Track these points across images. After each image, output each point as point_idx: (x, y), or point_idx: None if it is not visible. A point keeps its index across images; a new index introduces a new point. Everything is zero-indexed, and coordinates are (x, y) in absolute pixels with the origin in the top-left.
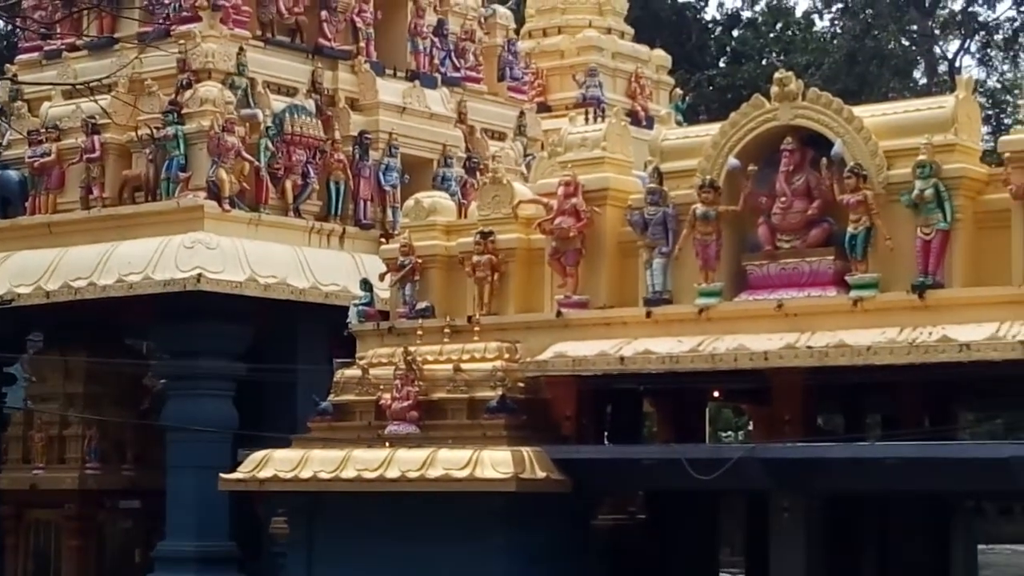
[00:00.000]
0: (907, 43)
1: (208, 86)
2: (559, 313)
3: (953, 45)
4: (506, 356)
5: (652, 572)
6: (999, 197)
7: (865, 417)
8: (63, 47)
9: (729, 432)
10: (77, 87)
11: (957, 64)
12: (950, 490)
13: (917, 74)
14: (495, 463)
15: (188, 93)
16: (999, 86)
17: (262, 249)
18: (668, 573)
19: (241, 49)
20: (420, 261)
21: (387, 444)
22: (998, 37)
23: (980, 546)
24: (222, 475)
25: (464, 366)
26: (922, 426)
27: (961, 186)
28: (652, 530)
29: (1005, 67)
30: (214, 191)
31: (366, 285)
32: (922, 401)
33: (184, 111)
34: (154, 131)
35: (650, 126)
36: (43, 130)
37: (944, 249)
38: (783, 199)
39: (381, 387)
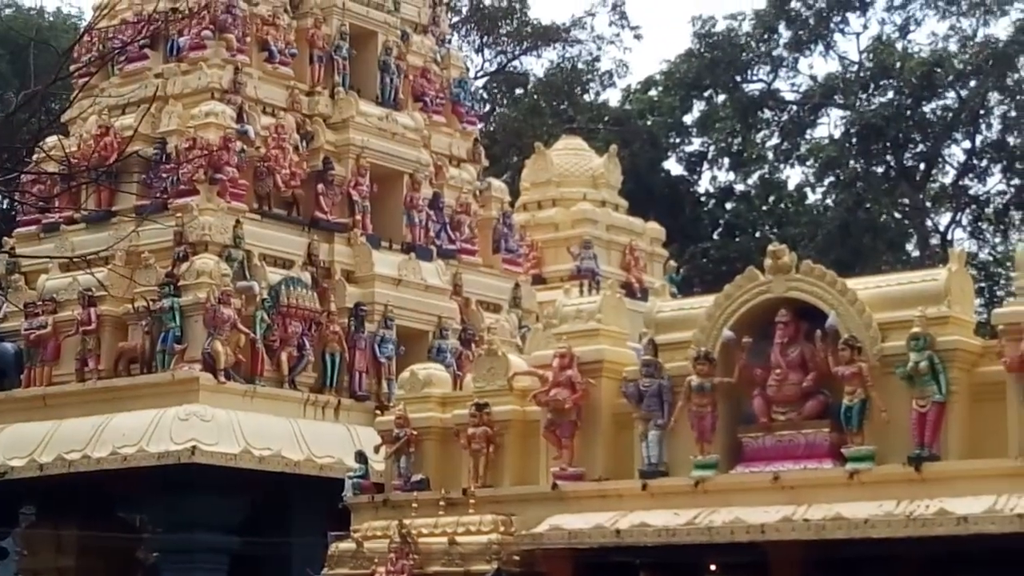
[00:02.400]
0: (899, 215)
1: (204, 258)
2: (555, 485)
3: (945, 218)
4: (501, 529)
5: None
6: (994, 369)
7: None
8: (61, 220)
9: None
10: (74, 260)
11: (949, 236)
12: None
13: (910, 246)
14: None
15: (184, 266)
16: (991, 258)
17: (257, 421)
18: None
19: (238, 222)
20: (415, 433)
21: None
22: (989, 210)
23: None
24: None
25: (459, 539)
26: None
27: (956, 358)
28: None
29: (996, 239)
30: (209, 363)
31: (361, 457)
32: (920, 573)
33: (180, 283)
34: (150, 303)
35: (645, 298)
36: (40, 302)
37: (940, 421)
38: (778, 371)
39: (376, 560)
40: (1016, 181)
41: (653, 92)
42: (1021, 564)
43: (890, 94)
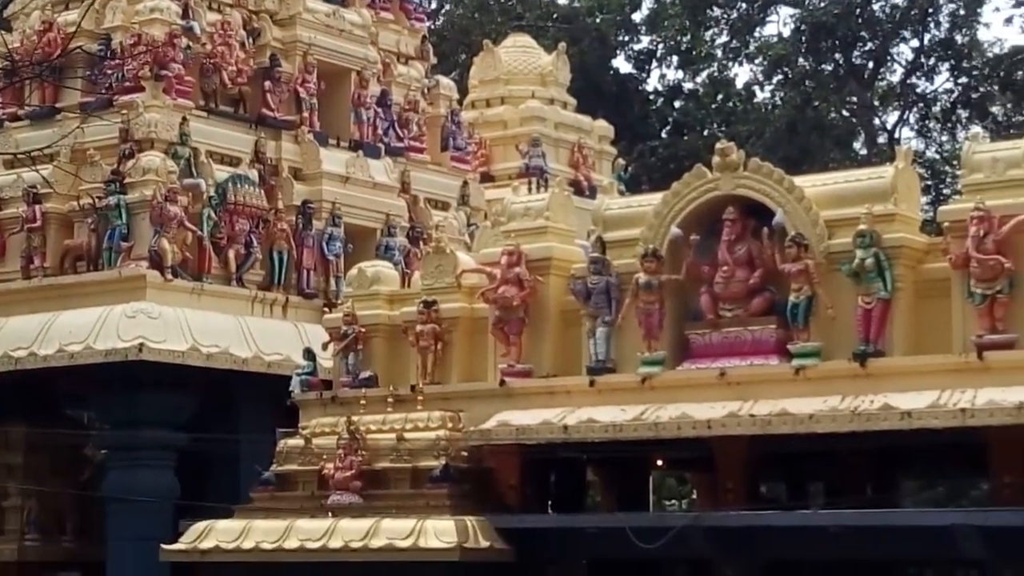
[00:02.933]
0: (847, 114)
1: (151, 156)
2: (502, 382)
3: (892, 116)
4: (449, 425)
5: None
6: (939, 266)
7: (808, 485)
8: (4, 117)
9: (673, 500)
10: (19, 157)
11: (896, 135)
12: (893, 558)
13: (857, 145)
14: (438, 533)
15: (130, 163)
16: (937, 157)
17: (204, 319)
18: None
19: (184, 119)
20: (363, 330)
21: (330, 514)
22: (936, 109)
23: None
24: (163, 546)
25: (407, 435)
26: (864, 494)
27: (901, 255)
28: None
29: (943, 138)
30: (156, 261)
31: (309, 354)
32: (864, 469)
33: (126, 181)
34: (96, 201)
35: (593, 196)
36: None
37: (885, 318)
38: (725, 268)
39: (324, 457)
40: (963, 80)
41: None
42: (963, 458)
43: None
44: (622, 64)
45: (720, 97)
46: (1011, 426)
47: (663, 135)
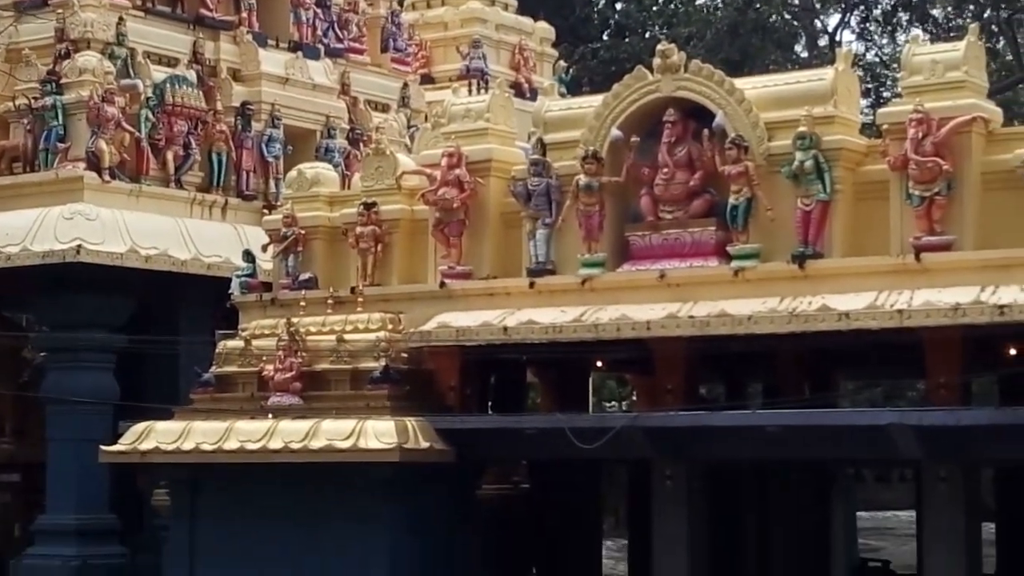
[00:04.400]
0: (788, 16)
1: (87, 56)
2: (442, 284)
3: (833, 19)
4: (389, 327)
5: (536, 542)
6: (878, 168)
7: (746, 386)
8: None
9: (613, 402)
10: None
11: (837, 38)
12: (830, 457)
13: (798, 47)
14: (378, 434)
15: (66, 63)
16: (878, 60)
17: (143, 220)
18: (552, 543)
19: (121, 19)
20: (303, 232)
21: (270, 415)
22: (877, 12)
23: (859, 513)
24: (103, 447)
25: (347, 337)
26: (803, 395)
27: (840, 157)
28: (536, 500)
29: (883, 41)
30: (94, 162)
31: (248, 256)
32: (803, 370)
33: (63, 81)
34: (32, 101)
35: (534, 98)
36: None
37: (824, 220)
38: (665, 170)
39: (264, 358)
40: None
41: None
42: (900, 359)
43: None
44: None
45: None
46: (947, 327)
47: (604, 37)
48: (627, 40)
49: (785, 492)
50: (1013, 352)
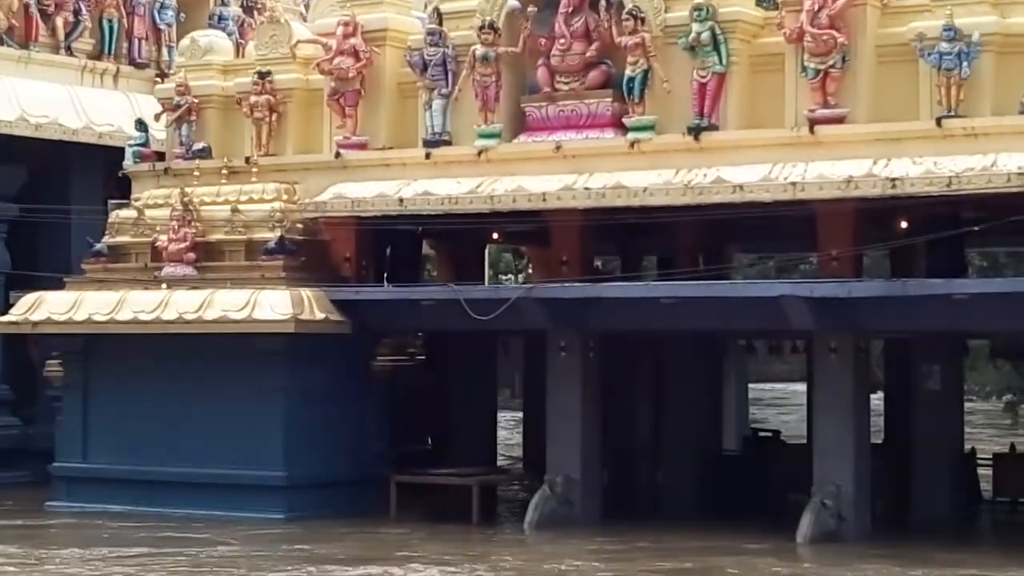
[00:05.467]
0: None
1: None
2: (338, 154)
3: None
4: (284, 197)
5: (431, 412)
6: (773, 41)
7: (642, 258)
8: None
9: (509, 275)
10: None
11: None
12: (723, 329)
13: None
14: (273, 304)
15: None
16: None
17: (33, 88)
18: (447, 413)
19: None
20: (196, 101)
21: (163, 286)
22: None
23: (751, 385)
24: None
25: (242, 207)
26: (697, 267)
27: (736, 29)
28: (432, 371)
29: None
30: None
31: (141, 125)
32: (697, 243)
33: None
34: None
35: None
36: None
37: (720, 92)
38: (562, 41)
39: (157, 229)
40: None
41: None
42: (793, 233)
43: None
44: None
45: None
46: (839, 200)
47: None
48: None
49: (678, 363)
50: (904, 225)
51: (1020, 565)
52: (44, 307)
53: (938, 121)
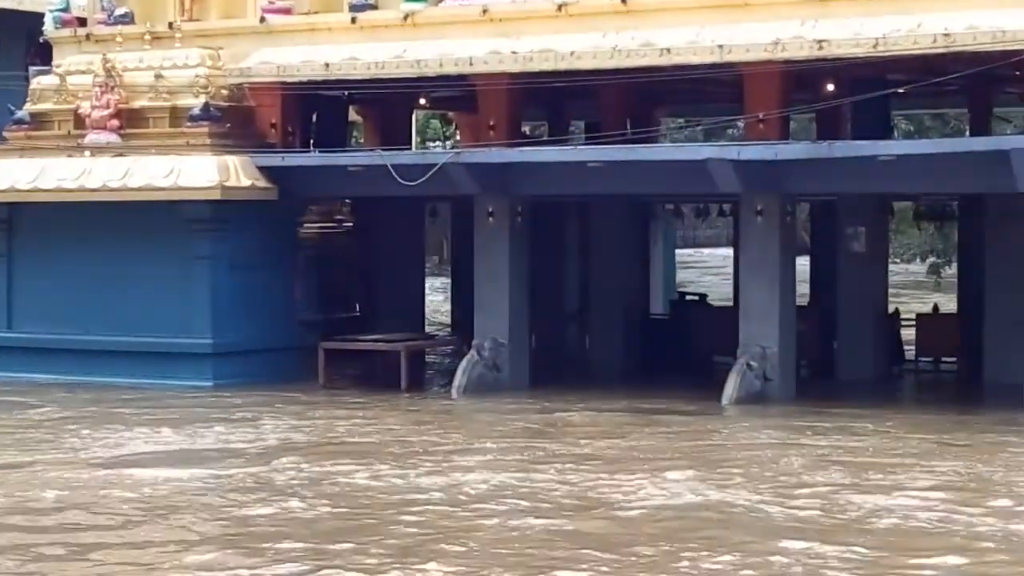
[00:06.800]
0: None
1: None
2: (263, 19)
3: None
4: (209, 63)
5: (359, 279)
6: None
7: (569, 123)
8: None
9: (437, 142)
10: None
11: None
12: (650, 193)
13: None
14: (199, 171)
15: None
16: None
17: None
18: (375, 280)
19: None
20: None
21: (87, 154)
22: None
23: (678, 250)
24: None
25: (165, 73)
26: (625, 131)
27: None
28: (359, 238)
29: None
30: None
31: None
32: (625, 107)
33: None
34: None
35: None
36: None
37: None
38: None
39: (80, 96)
40: None
41: None
42: (720, 96)
43: None
44: None
45: None
46: (767, 62)
47: None
48: None
49: (606, 228)
50: (831, 88)
51: (934, 424)
52: None
53: None
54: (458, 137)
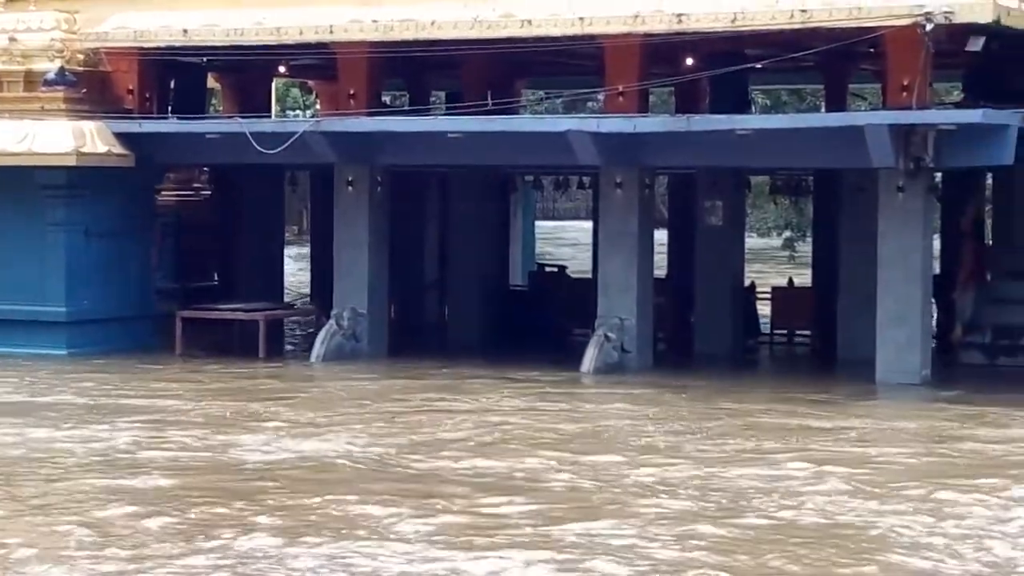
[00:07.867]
0: None
1: None
2: None
3: None
4: (64, 27)
5: (218, 248)
6: None
7: (430, 93)
8: None
9: (297, 111)
10: None
11: None
12: (510, 164)
13: None
14: (54, 137)
15: None
16: None
17: None
18: (234, 249)
19: None
20: None
21: None
22: None
23: (538, 222)
24: None
25: (19, 36)
26: (485, 102)
27: None
28: (218, 206)
29: None
30: None
31: None
32: (486, 78)
33: None
34: None
35: None
36: None
37: None
38: None
39: None
40: None
41: None
42: (581, 68)
43: None
44: None
45: None
46: (626, 34)
47: None
48: None
49: (466, 199)
50: (690, 62)
51: (784, 395)
52: None
53: None
54: (318, 106)
